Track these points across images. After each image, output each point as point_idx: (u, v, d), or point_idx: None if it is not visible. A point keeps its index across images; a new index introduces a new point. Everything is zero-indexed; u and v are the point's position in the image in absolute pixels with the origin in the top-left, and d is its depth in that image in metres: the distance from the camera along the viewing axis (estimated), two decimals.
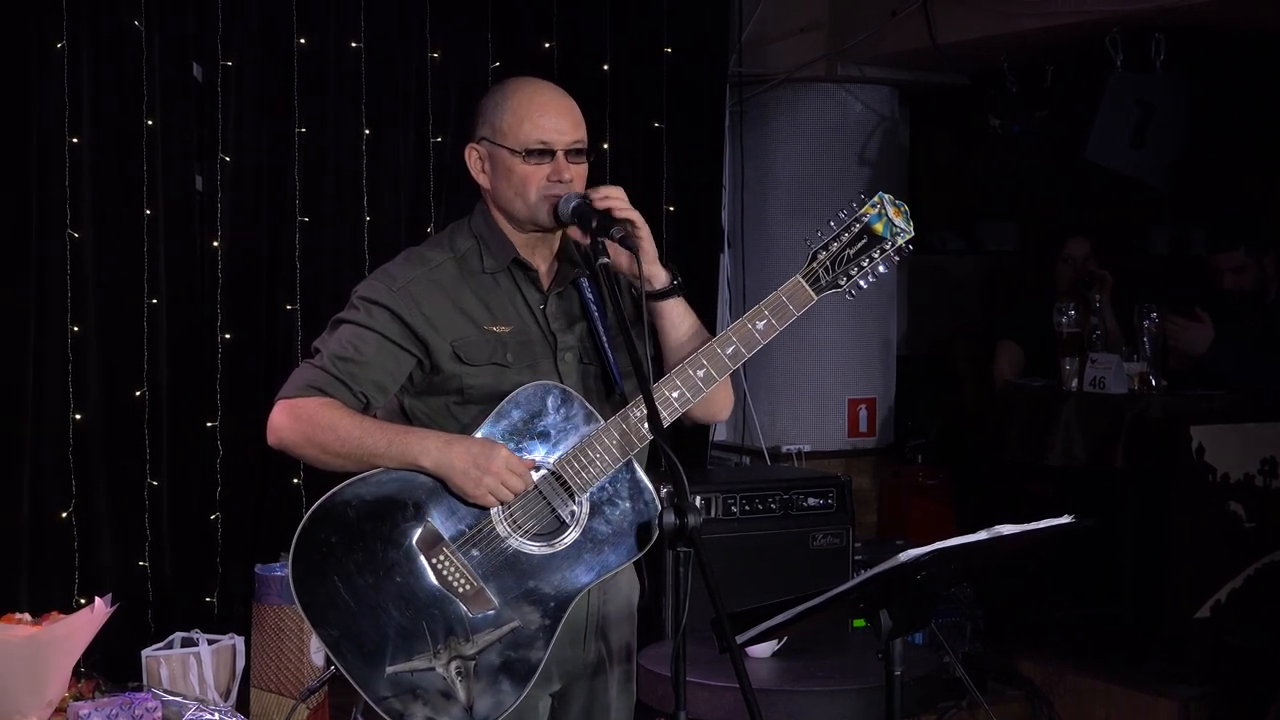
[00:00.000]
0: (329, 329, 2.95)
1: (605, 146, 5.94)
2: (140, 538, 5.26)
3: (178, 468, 5.33)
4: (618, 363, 2.97)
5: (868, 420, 6.51)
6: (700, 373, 2.87)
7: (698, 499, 4.97)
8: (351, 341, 2.88)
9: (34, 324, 5.09)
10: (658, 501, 2.87)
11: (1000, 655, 5.58)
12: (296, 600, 2.79)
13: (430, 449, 2.82)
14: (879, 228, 2.91)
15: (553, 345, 2.96)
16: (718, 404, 3.05)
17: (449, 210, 5.59)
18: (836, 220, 2.93)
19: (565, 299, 3.01)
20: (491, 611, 2.81)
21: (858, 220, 2.91)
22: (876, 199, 2.93)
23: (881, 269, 2.94)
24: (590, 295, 3.01)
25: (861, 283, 2.93)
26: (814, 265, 2.90)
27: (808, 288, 2.90)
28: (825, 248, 2.91)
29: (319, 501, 2.81)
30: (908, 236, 2.94)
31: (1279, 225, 6.32)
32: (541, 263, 3.00)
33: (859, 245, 2.91)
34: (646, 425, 2.80)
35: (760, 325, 2.88)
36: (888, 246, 2.92)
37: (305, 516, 2.80)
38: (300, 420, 2.85)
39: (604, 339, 2.98)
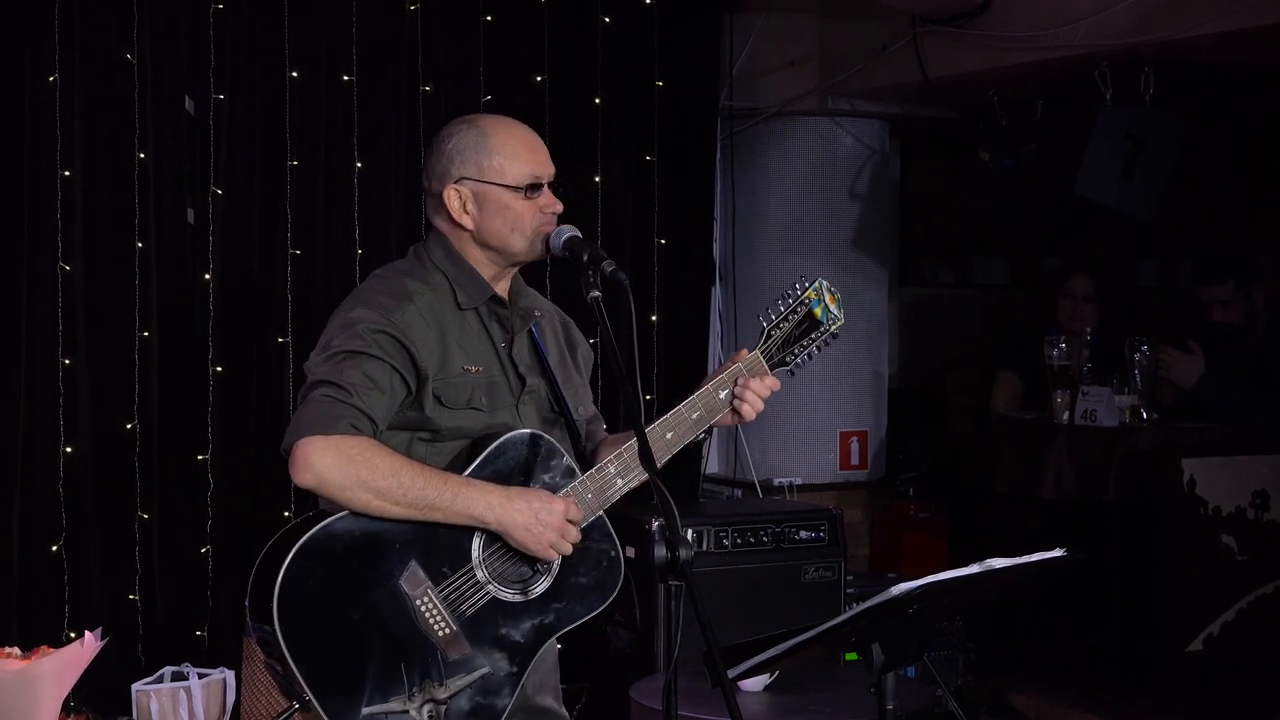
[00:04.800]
0: (329, 359, 2.85)
1: (597, 180, 5.96)
2: (131, 571, 5.25)
3: (168, 501, 5.33)
4: (570, 408, 3.03)
5: (859, 453, 6.51)
6: (670, 435, 2.99)
7: (689, 532, 4.95)
8: (367, 373, 2.82)
9: (25, 356, 5.10)
10: (622, 556, 2.95)
11: (993, 689, 5.57)
12: (278, 631, 2.70)
13: (493, 504, 2.80)
14: (818, 313, 3.11)
15: (517, 389, 2.98)
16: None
17: None
18: (784, 302, 3.11)
19: (522, 340, 3.04)
20: (465, 657, 2.81)
21: (802, 304, 3.10)
22: (817, 285, 3.13)
23: (815, 350, 3.14)
24: (539, 340, 3.05)
25: (801, 361, 3.13)
26: (769, 344, 3.10)
27: (765, 365, 3.09)
28: (778, 327, 3.10)
29: (308, 533, 2.76)
30: (839, 324, 3.14)
31: (1267, 259, 6.35)
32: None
33: (803, 328, 3.11)
34: (619, 481, 2.91)
35: (723, 395, 3.05)
36: (824, 331, 3.13)
37: (293, 549, 2.74)
38: (353, 463, 2.75)
39: (559, 384, 3.03)
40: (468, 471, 2.85)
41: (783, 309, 3.08)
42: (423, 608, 2.79)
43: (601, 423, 3.22)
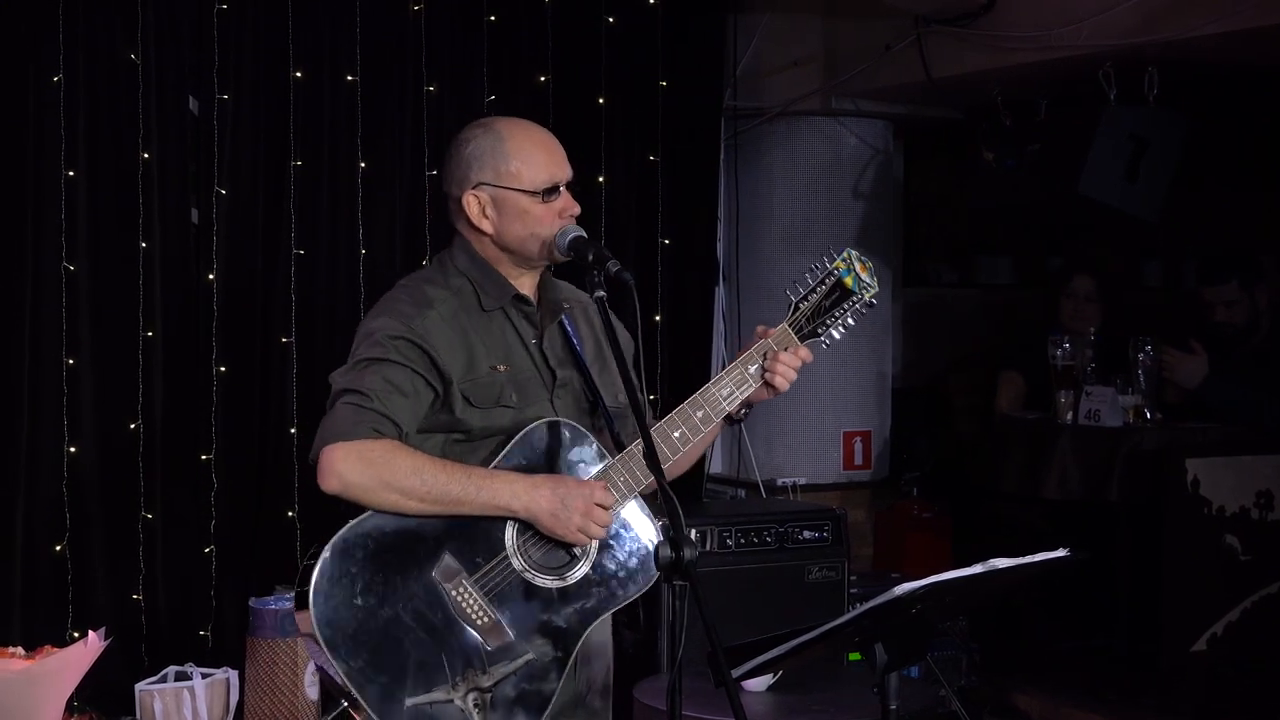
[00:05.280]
0: (351, 369, 2.90)
1: (601, 180, 5.96)
2: (134, 571, 5.25)
3: (172, 501, 5.33)
4: (605, 399, 3.02)
5: (863, 453, 6.51)
6: (699, 414, 2.98)
7: (693, 532, 4.96)
8: (387, 379, 2.86)
9: (29, 356, 5.10)
10: (661, 535, 2.89)
11: (996, 689, 5.56)
12: (318, 634, 2.76)
13: (519, 493, 2.83)
14: (849, 282, 3.09)
15: (549, 382, 2.99)
16: (685, 461, 3.12)
17: (444, 243, 5.58)
18: (812, 273, 3.09)
19: (553, 335, 3.05)
20: (507, 644, 2.84)
21: (831, 274, 3.08)
22: (846, 254, 3.10)
23: (850, 320, 3.11)
24: (571, 331, 3.06)
25: (834, 333, 3.10)
26: (796, 315, 3.07)
27: (794, 336, 3.05)
28: (805, 299, 3.07)
29: (340, 533, 2.80)
30: (873, 292, 3.12)
31: (1271, 259, 6.35)
32: (532, 298, 3.05)
33: (833, 298, 3.08)
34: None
35: (752, 369, 3.02)
36: (856, 300, 3.10)
37: (326, 549, 2.78)
38: (374, 465, 2.80)
39: (592, 376, 3.03)
40: (493, 464, 2.87)
41: (810, 281, 3.07)
42: (459, 598, 2.82)
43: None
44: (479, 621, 2.83)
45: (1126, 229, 6.40)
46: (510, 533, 2.87)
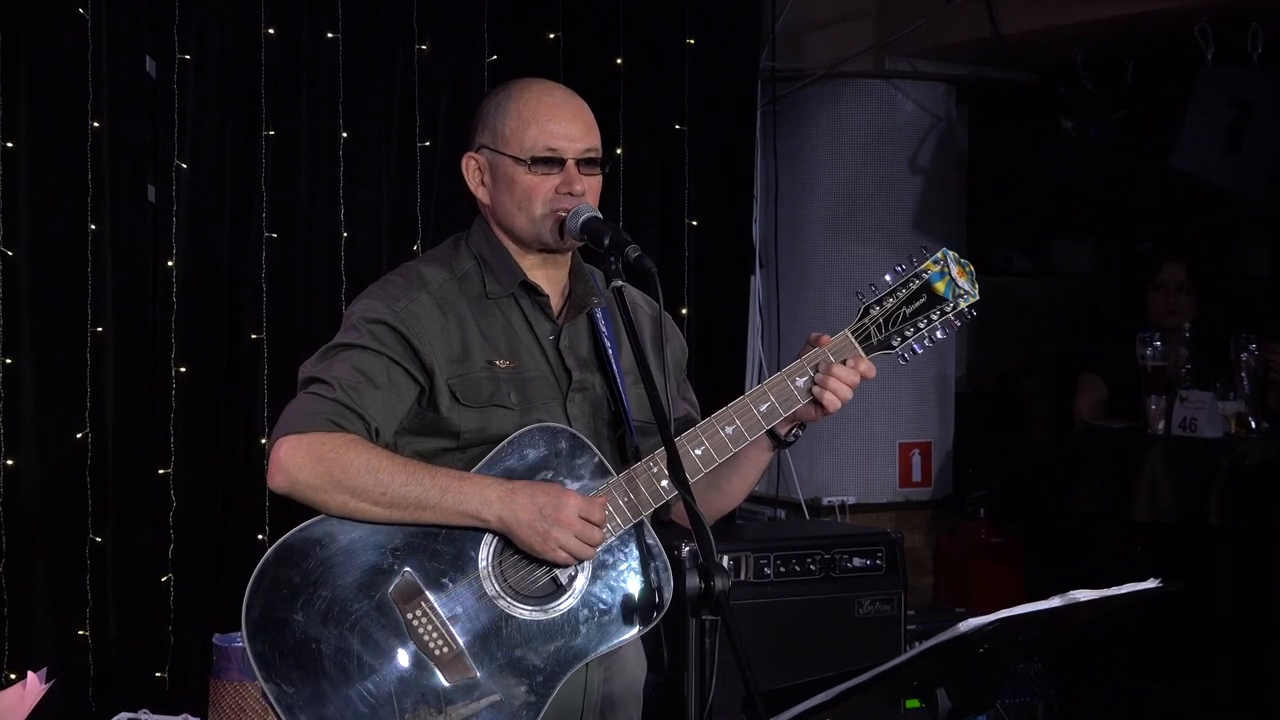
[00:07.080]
0: (321, 356, 2.91)
1: (618, 152, 5.95)
2: (81, 603, 5.25)
3: (125, 522, 5.32)
4: (631, 408, 2.97)
5: (922, 468, 6.51)
6: (729, 429, 2.89)
7: (725, 559, 4.95)
8: (357, 366, 2.86)
9: None
10: (670, 570, 2.86)
11: None
12: (248, 648, 2.75)
13: (492, 499, 2.78)
14: (940, 287, 2.96)
15: (564, 384, 2.95)
16: (731, 493, 3.08)
17: (438, 225, 5.61)
18: (893, 274, 2.97)
19: (578, 331, 3.01)
20: (470, 680, 2.79)
21: (917, 276, 2.96)
22: (940, 255, 2.98)
23: (939, 333, 2.97)
24: (605, 329, 3.01)
25: (916, 346, 2.96)
26: (865, 321, 2.94)
27: (857, 346, 2.93)
28: (879, 303, 2.95)
29: (284, 537, 2.79)
30: (971, 300, 2.98)
31: None
32: (551, 287, 3.01)
33: (917, 304, 2.95)
34: (664, 483, 2.83)
35: (800, 382, 2.91)
36: (948, 309, 2.96)
37: (268, 551, 2.77)
38: (324, 461, 2.78)
39: (619, 380, 2.98)
40: (476, 467, 2.84)
41: (890, 281, 2.96)
42: (416, 623, 2.79)
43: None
44: (438, 652, 2.79)
45: (1226, 208, 6.38)
46: (486, 550, 2.83)
